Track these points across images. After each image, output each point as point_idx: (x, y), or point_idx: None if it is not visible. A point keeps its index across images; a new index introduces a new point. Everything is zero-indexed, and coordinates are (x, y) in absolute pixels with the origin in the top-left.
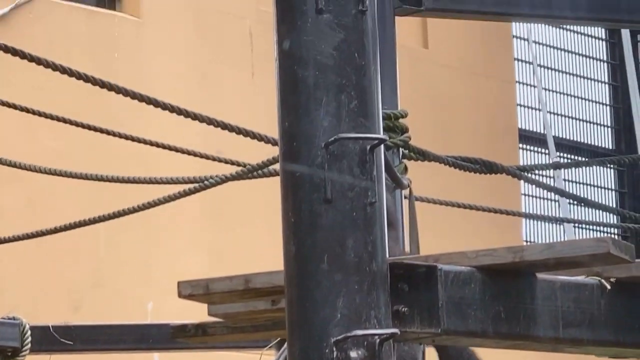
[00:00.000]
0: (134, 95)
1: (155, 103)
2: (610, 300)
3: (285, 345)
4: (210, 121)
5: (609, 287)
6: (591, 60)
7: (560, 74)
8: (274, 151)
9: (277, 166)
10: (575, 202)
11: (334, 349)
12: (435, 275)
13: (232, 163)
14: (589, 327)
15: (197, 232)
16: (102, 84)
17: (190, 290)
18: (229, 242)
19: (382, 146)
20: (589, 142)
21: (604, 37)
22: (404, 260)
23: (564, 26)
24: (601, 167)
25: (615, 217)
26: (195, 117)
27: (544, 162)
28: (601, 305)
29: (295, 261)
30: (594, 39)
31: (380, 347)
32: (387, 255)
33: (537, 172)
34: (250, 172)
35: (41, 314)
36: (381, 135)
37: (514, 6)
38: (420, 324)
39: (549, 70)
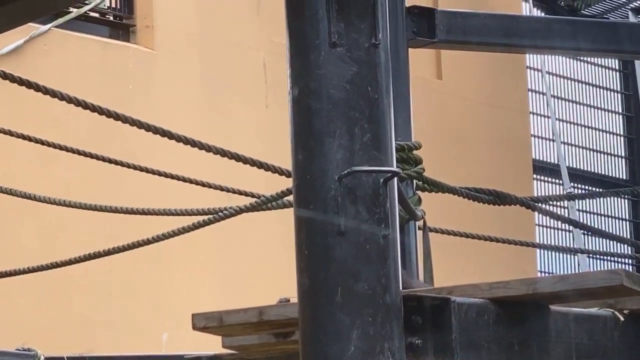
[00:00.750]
0: (148, 127)
1: (170, 135)
2: (623, 331)
3: None
4: (224, 153)
5: (622, 318)
6: (605, 90)
7: (574, 104)
8: (289, 182)
9: (291, 197)
10: (589, 233)
11: None
12: (449, 308)
13: (247, 194)
14: (603, 359)
15: (212, 264)
16: (117, 116)
17: (204, 323)
18: (243, 274)
19: (395, 179)
20: (603, 173)
21: (617, 67)
22: (417, 293)
23: (578, 57)
24: (615, 198)
25: (629, 247)
26: (209, 149)
27: (558, 193)
28: (614, 337)
29: (309, 294)
30: (607, 70)
31: None
32: (401, 288)
33: (551, 203)
34: (265, 203)
35: (56, 345)
36: (394, 168)
37: (527, 38)
38: (434, 356)
39: (563, 101)
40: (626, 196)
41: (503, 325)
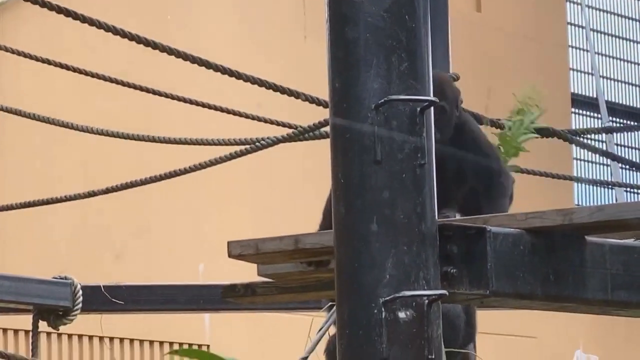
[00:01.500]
0: (186, 57)
1: (207, 64)
2: None
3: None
4: (261, 83)
5: None
6: None
7: (614, 38)
8: (326, 113)
9: (328, 128)
10: (627, 166)
11: (383, 309)
12: (485, 237)
13: (284, 125)
14: (638, 290)
15: (249, 194)
16: (154, 45)
17: (239, 250)
18: (279, 204)
19: (432, 108)
20: None
21: None
22: (453, 222)
23: None
24: None
25: None
26: (246, 78)
27: (596, 126)
28: None
29: (345, 222)
30: None
31: (429, 308)
32: (437, 217)
33: (589, 136)
34: (302, 134)
35: (92, 274)
36: (431, 97)
37: None
38: (469, 286)
39: (602, 35)
40: None
41: (539, 255)
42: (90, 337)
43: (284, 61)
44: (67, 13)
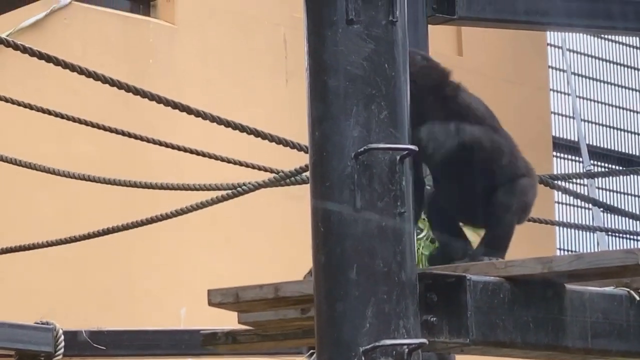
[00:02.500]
0: (167, 102)
1: (189, 110)
2: (639, 311)
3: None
4: (243, 128)
5: (638, 298)
6: (625, 68)
7: (594, 82)
8: (307, 158)
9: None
10: (609, 211)
11: (363, 358)
12: (464, 286)
13: (266, 170)
14: (618, 338)
15: (230, 239)
16: (136, 91)
17: (220, 299)
18: (261, 249)
19: (411, 157)
20: (623, 150)
21: (638, 45)
22: (432, 271)
23: (599, 35)
24: (635, 176)
25: None
26: (228, 124)
27: (577, 171)
28: (630, 317)
29: (325, 270)
30: (628, 47)
31: (409, 357)
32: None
33: (570, 180)
34: (283, 179)
35: (74, 320)
36: (411, 145)
37: (547, 15)
38: (449, 334)
39: (583, 78)
40: None
41: (518, 303)
42: None
43: (265, 104)
44: (48, 59)
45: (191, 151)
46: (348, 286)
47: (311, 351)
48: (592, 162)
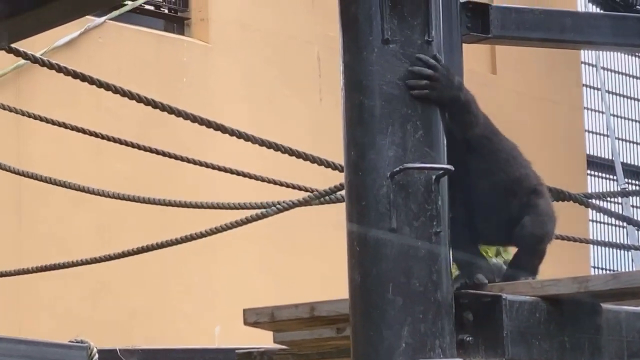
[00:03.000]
0: (202, 121)
1: (223, 128)
2: None
3: None
4: (277, 147)
5: None
6: None
7: (629, 99)
8: (341, 177)
9: (344, 192)
10: None
11: None
12: (500, 305)
13: (300, 188)
14: None
15: (265, 258)
16: (170, 110)
17: (255, 318)
18: (295, 268)
19: (447, 176)
20: None
21: None
22: (468, 290)
23: (633, 53)
24: None
25: None
26: (262, 142)
27: (612, 189)
28: None
29: (361, 290)
30: None
31: None
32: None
33: (605, 199)
34: (318, 198)
35: (108, 338)
36: (446, 165)
37: (582, 34)
38: (485, 353)
39: (618, 96)
40: None
41: (554, 322)
42: None
43: (299, 123)
44: (83, 77)
45: (225, 170)
46: (384, 306)
47: None
48: (626, 180)
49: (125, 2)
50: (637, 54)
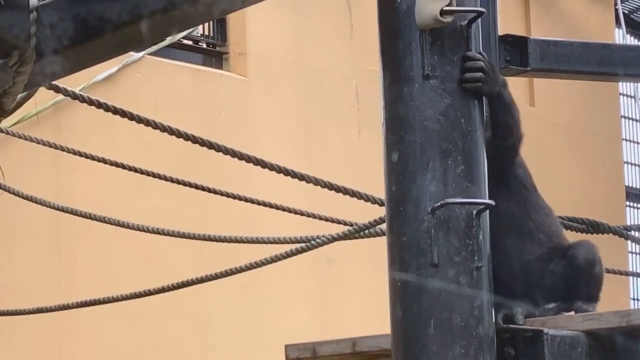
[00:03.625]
0: (241, 156)
1: (262, 163)
2: None
3: None
4: (317, 182)
5: None
6: None
7: None
8: (381, 211)
9: (384, 226)
10: None
11: None
12: (542, 340)
13: (339, 222)
14: None
15: (305, 292)
16: (210, 145)
17: (297, 354)
18: (336, 303)
19: (488, 211)
20: None
21: None
22: (510, 325)
23: None
24: None
25: None
26: (302, 177)
27: None
28: None
29: (402, 325)
30: None
31: None
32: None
33: None
34: (358, 232)
35: None
36: (487, 200)
37: (620, 66)
38: None
39: None
40: None
41: (596, 357)
42: None
43: (338, 157)
44: (123, 113)
45: (265, 204)
46: (426, 341)
47: None
48: None
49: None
50: None
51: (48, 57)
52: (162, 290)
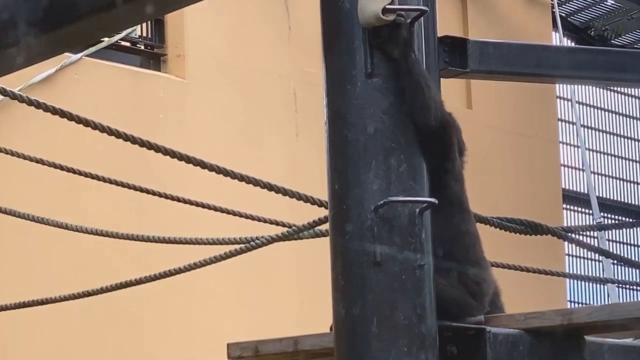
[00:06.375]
0: (180, 156)
1: (201, 164)
2: None
3: None
4: (255, 182)
5: None
6: (635, 120)
7: (604, 134)
8: (319, 212)
9: (323, 227)
10: (619, 263)
11: None
12: (484, 338)
13: (278, 224)
14: None
15: (244, 293)
16: (148, 145)
17: (239, 352)
18: (276, 303)
19: (430, 209)
20: (633, 202)
21: None
22: (453, 324)
23: (608, 87)
24: None
25: None
26: (241, 178)
27: (587, 223)
28: None
29: (345, 323)
30: (637, 99)
31: None
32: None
33: (581, 232)
34: (297, 232)
35: None
36: (430, 198)
37: (558, 68)
38: None
39: (593, 131)
40: None
41: (538, 355)
42: None
43: (276, 158)
44: (62, 113)
45: (203, 205)
46: (369, 339)
47: None
48: (602, 214)
49: (102, 39)
50: (612, 88)
51: None
52: (100, 291)
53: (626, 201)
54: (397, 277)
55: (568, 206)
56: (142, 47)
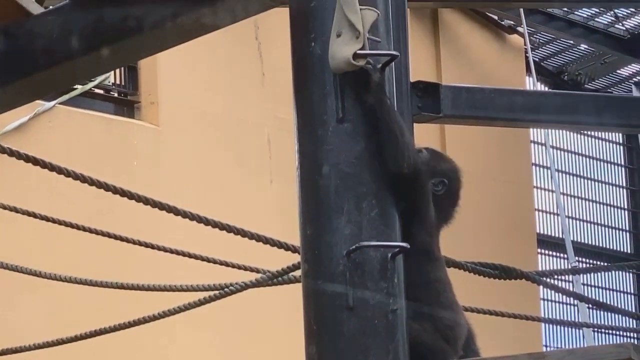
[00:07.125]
0: (153, 204)
1: (175, 211)
2: None
3: None
4: (229, 229)
5: None
6: (609, 164)
7: (578, 178)
8: (293, 258)
9: (297, 273)
10: (595, 307)
11: None
12: None
13: (252, 270)
14: None
15: (218, 339)
16: (122, 192)
17: None
18: (250, 349)
19: (402, 254)
20: (608, 247)
21: (621, 141)
22: None
23: (582, 131)
24: (620, 272)
25: (634, 321)
26: (214, 224)
27: (562, 267)
28: None
29: None
30: (611, 144)
31: None
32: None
33: (556, 277)
34: (271, 279)
35: None
36: (402, 243)
37: (531, 112)
38: None
39: (567, 175)
40: (631, 270)
41: None
42: None
43: (250, 205)
44: (35, 161)
45: (177, 252)
46: None
47: None
48: (577, 258)
49: (75, 87)
50: (586, 132)
51: None
52: (74, 339)
53: (601, 245)
54: (370, 322)
55: (543, 250)
56: (116, 95)
